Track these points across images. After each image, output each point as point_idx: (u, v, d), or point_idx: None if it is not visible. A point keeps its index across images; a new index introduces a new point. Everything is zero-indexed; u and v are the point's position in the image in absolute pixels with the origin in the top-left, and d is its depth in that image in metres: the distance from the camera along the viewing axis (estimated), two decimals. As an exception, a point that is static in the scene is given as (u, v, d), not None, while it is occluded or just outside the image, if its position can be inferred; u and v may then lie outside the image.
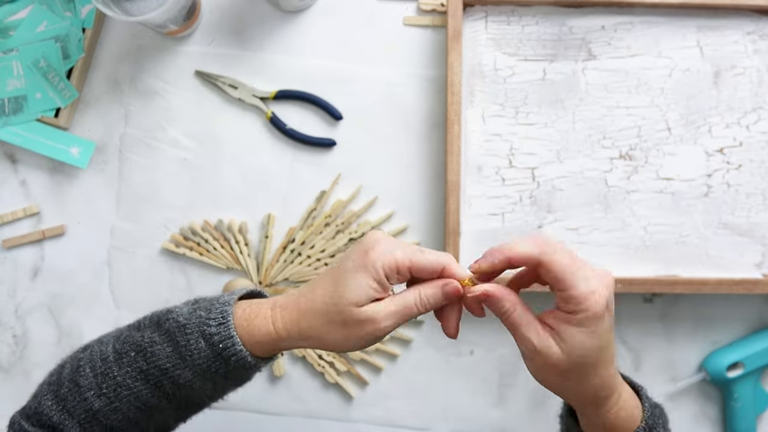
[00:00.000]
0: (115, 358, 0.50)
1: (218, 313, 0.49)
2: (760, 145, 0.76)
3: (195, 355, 0.48)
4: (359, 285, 0.45)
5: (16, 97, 0.76)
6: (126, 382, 0.49)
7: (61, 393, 0.50)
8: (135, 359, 0.49)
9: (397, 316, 0.46)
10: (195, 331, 0.48)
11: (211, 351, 0.48)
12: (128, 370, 0.49)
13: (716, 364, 0.75)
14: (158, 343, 0.49)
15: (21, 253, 0.78)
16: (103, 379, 0.50)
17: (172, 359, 0.49)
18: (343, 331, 0.46)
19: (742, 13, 0.76)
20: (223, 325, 0.48)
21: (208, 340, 0.48)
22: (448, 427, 0.78)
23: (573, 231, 0.75)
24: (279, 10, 0.78)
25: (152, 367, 0.49)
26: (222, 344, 0.48)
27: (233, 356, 0.48)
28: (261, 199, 0.78)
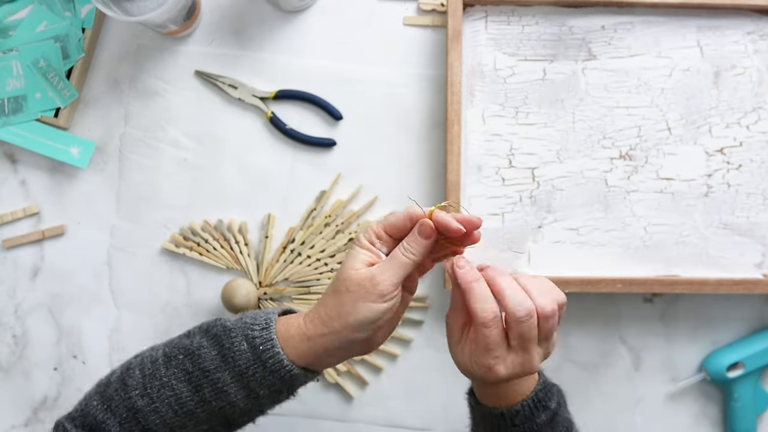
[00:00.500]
0: (164, 360, 0.53)
1: (262, 319, 0.53)
2: (760, 145, 0.76)
3: (237, 356, 0.51)
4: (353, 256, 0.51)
5: (16, 97, 0.76)
6: (170, 383, 0.52)
7: (108, 393, 0.53)
8: (182, 361, 0.52)
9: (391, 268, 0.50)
10: (239, 334, 0.52)
11: (251, 353, 0.51)
12: (174, 371, 0.52)
13: (716, 364, 0.75)
14: (205, 346, 0.52)
15: (21, 253, 0.78)
16: (150, 379, 0.52)
17: (216, 361, 0.51)
18: (351, 297, 0.50)
19: (742, 13, 0.76)
20: (266, 330, 0.52)
21: (251, 342, 0.51)
22: (448, 427, 0.78)
23: (573, 231, 0.75)
24: (279, 10, 0.78)
25: (196, 369, 0.52)
26: (262, 346, 0.51)
27: (270, 358, 0.51)
28: (261, 199, 0.78)
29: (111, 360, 0.78)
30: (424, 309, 0.77)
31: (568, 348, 0.78)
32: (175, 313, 0.78)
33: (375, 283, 0.49)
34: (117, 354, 0.78)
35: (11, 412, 0.78)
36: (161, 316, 0.78)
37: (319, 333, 0.51)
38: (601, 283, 0.73)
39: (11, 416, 0.78)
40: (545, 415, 0.54)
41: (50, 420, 0.78)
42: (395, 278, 0.50)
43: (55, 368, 0.78)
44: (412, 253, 0.50)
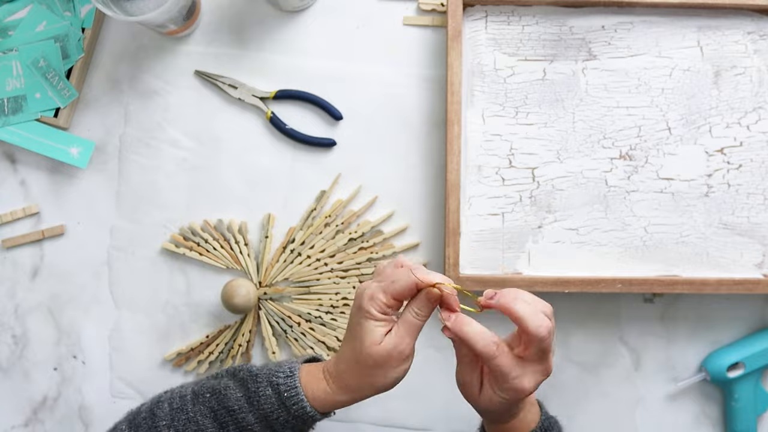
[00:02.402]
0: (192, 397, 0.57)
1: (287, 368, 0.57)
2: (761, 145, 0.76)
3: (262, 400, 0.55)
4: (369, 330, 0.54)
5: (16, 97, 0.76)
6: (196, 418, 0.56)
7: (136, 421, 0.57)
8: (209, 400, 0.56)
9: (409, 333, 0.54)
10: (264, 380, 0.56)
11: (276, 398, 0.55)
12: (201, 408, 0.56)
13: (716, 364, 0.75)
14: (231, 388, 0.56)
15: (20, 253, 0.78)
16: (178, 413, 0.56)
17: (241, 402, 0.55)
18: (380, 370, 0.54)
19: (742, 13, 0.76)
20: (290, 378, 0.56)
21: (275, 388, 0.55)
22: (448, 427, 0.78)
23: (573, 231, 0.75)
24: (279, 10, 0.78)
25: (222, 407, 0.55)
26: (287, 393, 0.55)
27: (295, 405, 0.55)
28: (261, 199, 0.78)
29: (111, 360, 0.78)
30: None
31: (568, 348, 0.78)
32: (175, 313, 0.78)
33: (400, 351, 0.54)
34: (117, 354, 0.78)
35: (11, 412, 0.78)
36: (161, 316, 0.78)
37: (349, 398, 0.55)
38: (601, 283, 0.73)
39: (11, 416, 0.78)
40: None
41: (50, 420, 0.78)
42: (413, 340, 0.55)
43: (54, 368, 0.78)
44: (424, 316, 0.54)
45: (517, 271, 0.75)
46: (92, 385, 0.78)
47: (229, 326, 0.77)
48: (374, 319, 0.54)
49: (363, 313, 0.54)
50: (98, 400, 0.78)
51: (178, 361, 0.78)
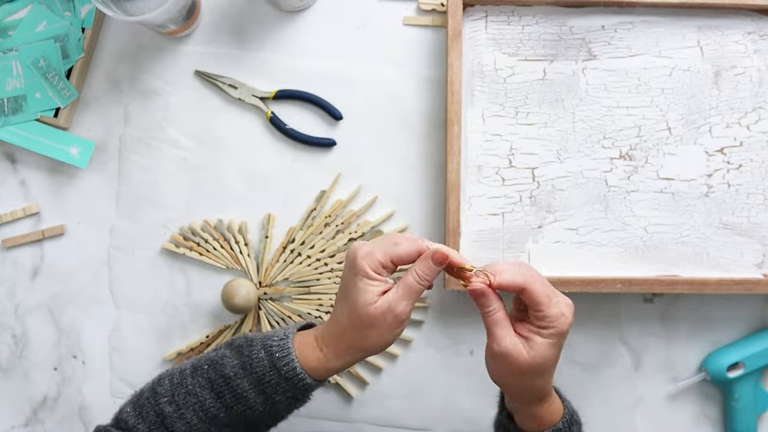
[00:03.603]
0: (191, 370, 0.57)
1: (281, 332, 0.57)
2: (761, 145, 0.76)
3: (255, 363, 0.55)
4: (363, 289, 0.53)
5: (16, 97, 0.76)
6: (195, 390, 0.56)
7: (140, 401, 0.57)
8: (207, 371, 0.56)
9: (407, 296, 0.53)
10: (258, 344, 0.56)
11: (268, 361, 0.55)
12: (199, 380, 0.56)
13: (716, 364, 0.75)
14: (228, 356, 0.56)
15: (20, 253, 0.78)
16: (178, 387, 0.56)
17: (236, 368, 0.55)
18: (373, 330, 0.53)
19: (742, 13, 0.76)
20: (283, 340, 0.55)
21: (268, 350, 0.55)
22: (448, 427, 0.78)
23: (573, 231, 0.75)
24: (279, 10, 0.78)
25: (218, 376, 0.56)
26: (278, 353, 0.55)
27: (286, 366, 0.54)
28: (261, 199, 0.78)
29: (111, 360, 0.78)
30: (424, 309, 0.77)
31: (568, 348, 0.78)
32: (175, 313, 0.78)
33: (396, 314, 0.53)
34: (117, 354, 0.78)
35: (11, 412, 0.78)
36: (161, 316, 0.78)
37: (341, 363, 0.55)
38: (601, 283, 0.73)
39: (11, 416, 0.78)
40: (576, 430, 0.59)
41: (50, 420, 0.78)
42: (411, 305, 0.54)
43: (55, 368, 0.78)
44: (426, 280, 0.54)
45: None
46: (92, 385, 0.78)
47: (229, 326, 0.77)
48: (368, 278, 0.53)
49: (357, 270, 0.53)
50: (98, 400, 0.78)
51: (178, 361, 0.78)
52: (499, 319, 0.54)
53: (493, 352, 0.54)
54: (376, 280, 0.53)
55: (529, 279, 0.54)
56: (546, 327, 0.53)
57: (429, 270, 0.54)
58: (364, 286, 0.53)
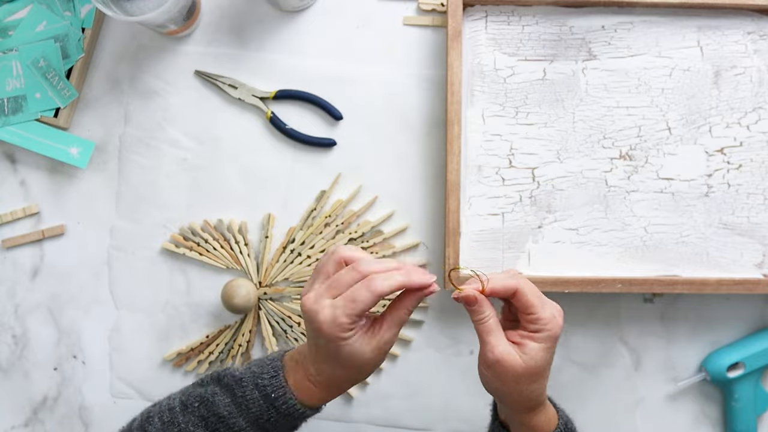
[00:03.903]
0: (181, 408, 0.56)
1: (270, 368, 0.56)
2: (761, 145, 0.76)
3: (250, 404, 0.54)
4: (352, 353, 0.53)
5: (16, 97, 0.76)
6: (188, 429, 0.55)
7: None
8: (198, 408, 0.55)
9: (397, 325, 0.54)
10: (250, 384, 0.55)
11: (263, 401, 0.54)
12: (191, 418, 0.55)
13: (716, 364, 0.75)
14: (218, 394, 0.55)
15: (20, 253, 0.78)
16: (169, 426, 0.55)
17: (230, 408, 0.55)
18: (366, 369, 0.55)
19: (742, 13, 0.76)
20: (275, 378, 0.55)
21: (262, 390, 0.54)
22: (448, 427, 0.78)
23: (573, 231, 0.75)
24: (279, 10, 0.78)
25: (212, 415, 0.55)
26: (273, 394, 0.54)
27: (284, 405, 0.54)
28: (261, 199, 0.78)
29: (111, 360, 0.78)
30: (424, 309, 0.77)
31: (568, 348, 0.78)
32: (175, 313, 0.78)
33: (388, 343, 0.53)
34: (117, 354, 0.78)
35: (11, 412, 0.78)
36: (161, 316, 0.78)
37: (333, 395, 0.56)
38: (601, 283, 0.73)
39: (11, 416, 0.78)
40: None
41: (50, 420, 0.78)
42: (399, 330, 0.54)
43: (55, 368, 0.78)
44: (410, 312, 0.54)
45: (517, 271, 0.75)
46: (92, 385, 0.78)
47: (229, 326, 0.77)
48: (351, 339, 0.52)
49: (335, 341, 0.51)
50: (98, 400, 0.78)
51: (178, 361, 0.78)
52: (492, 326, 0.54)
53: (487, 360, 0.53)
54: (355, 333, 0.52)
55: (521, 282, 0.54)
56: (539, 330, 0.53)
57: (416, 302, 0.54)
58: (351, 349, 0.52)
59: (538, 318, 0.53)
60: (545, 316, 0.53)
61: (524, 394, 0.54)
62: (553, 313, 0.54)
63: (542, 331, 0.53)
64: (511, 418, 0.58)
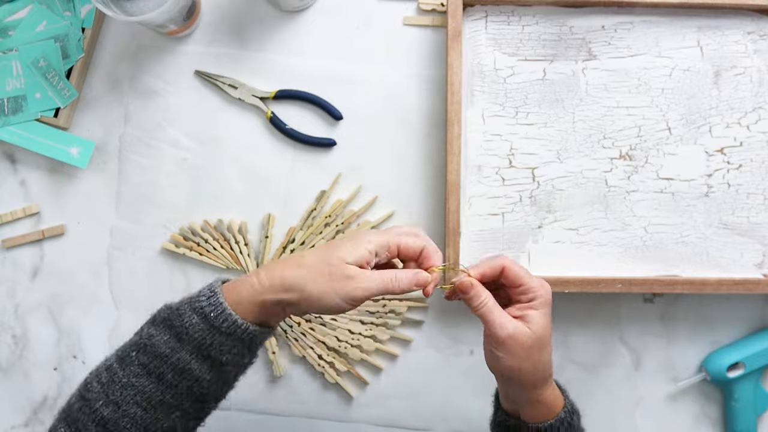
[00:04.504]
0: (119, 363, 0.53)
1: (207, 289, 0.53)
2: (761, 145, 0.76)
3: (190, 330, 0.51)
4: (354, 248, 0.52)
5: (16, 97, 0.76)
6: (131, 382, 0.51)
7: (72, 415, 0.53)
8: (137, 357, 0.52)
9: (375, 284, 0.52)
10: (187, 310, 0.52)
11: (204, 323, 0.51)
12: (131, 369, 0.52)
13: (716, 364, 0.75)
14: (155, 335, 0.52)
15: (20, 253, 0.78)
16: (109, 386, 0.52)
17: (170, 343, 0.52)
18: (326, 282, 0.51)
19: (742, 13, 0.76)
20: (213, 297, 0.52)
21: (200, 312, 0.52)
22: (448, 427, 0.78)
23: (573, 231, 0.75)
24: (279, 10, 0.78)
25: (152, 358, 0.52)
26: (213, 313, 0.51)
27: (224, 322, 0.51)
28: (261, 199, 0.78)
29: (111, 360, 0.78)
30: (424, 309, 0.77)
31: (568, 348, 0.78)
32: (175, 313, 0.78)
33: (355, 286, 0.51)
34: (117, 354, 0.78)
35: (11, 412, 0.78)
36: (161, 316, 0.78)
37: (276, 296, 0.52)
38: (601, 283, 0.73)
39: (11, 416, 0.78)
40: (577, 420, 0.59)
41: (50, 420, 0.78)
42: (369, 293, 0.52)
43: (55, 368, 0.78)
44: (399, 288, 0.53)
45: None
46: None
47: (229, 326, 0.77)
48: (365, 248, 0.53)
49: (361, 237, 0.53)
50: (98, 400, 0.78)
51: (178, 361, 0.78)
52: (493, 306, 0.55)
53: (498, 338, 0.54)
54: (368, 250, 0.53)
55: (505, 260, 0.56)
56: (534, 298, 0.56)
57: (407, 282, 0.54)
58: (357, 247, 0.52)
59: (529, 287, 0.56)
60: (535, 285, 0.56)
61: (536, 366, 0.55)
62: (540, 281, 0.56)
63: (537, 298, 0.56)
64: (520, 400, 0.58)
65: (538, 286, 0.56)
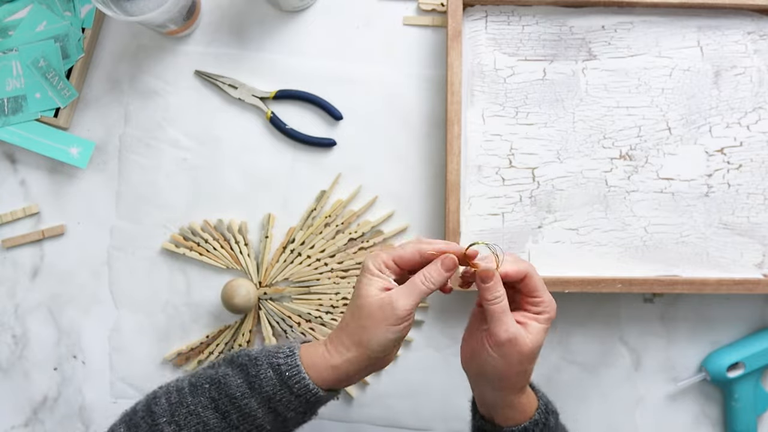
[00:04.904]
0: (191, 389, 0.55)
1: (286, 348, 0.56)
2: (761, 145, 0.76)
3: (263, 383, 0.54)
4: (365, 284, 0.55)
5: (16, 97, 0.76)
6: (197, 411, 0.54)
7: (134, 420, 0.55)
8: (209, 390, 0.55)
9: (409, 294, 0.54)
10: (264, 363, 0.55)
11: (278, 379, 0.54)
12: (201, 399, 0.54)
13: (716, 364, 0.75)
14: (230, 375, 0.55)
15: (20, 253, 0.78)
16: (177, 407, 0.54)
17: (242, 388, 0.54)
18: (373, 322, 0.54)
19: (742, 13, 0.76)
20: (290, 357, 0.55)
21: (276, 369, 0.54)
22: (448, 427, 0.78)
23: (573, 231, 0.75)
24: (279, 10, 0.78)
25: (223, 396, 0.54)
26: (288, 372, 0.54)
27: (297, 384, 0.54)
28: (261, 199, 0.78)
29: (111, 360, 0.78)
30: (425, 309, 0.77)
31: (568, 348, 0.78)
32: (175, 313, 0.78)
33: (394, 308, 0.53)
34: (117, 354, 0.78)
35: (11, 412, 0.78)
36: (161, 316, 0.78)
37: (343, 359, 0.54)
38: (601, 283, 0.73)
39: (11, 416, 0.78)
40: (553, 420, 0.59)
41: (50, 420, 0.78)
42: (412, 303, 0.54)
43: (55, 368, 0.78)
44: (432, 283, 0.55)
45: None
46: (92, 385, 0.78)
47: (229, 326, 0.77)
48: (371, 274, 0.55)
49: (364, 270, 0.55)
50: (98, 401, 0.78)
51: (179, 361, 0.78)
52: (505, 306, 0.55)
53: (499, 339, 0.54)
54: (378, 276, 0.55)
55: (529, 267, 0.57)
56: (542, 312, 0.56)
57: (437, 273, 0.55)
58: (367, 280, 0.55)
59: (542, 301, 0.56)
60: (547, 300, 0.56)
61: (523, 374, 0.56)
62: (551, 297, 0.57)
63: (544, 313, 0.56)
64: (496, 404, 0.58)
65: (549, 302, 0.56)
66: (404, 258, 0.55)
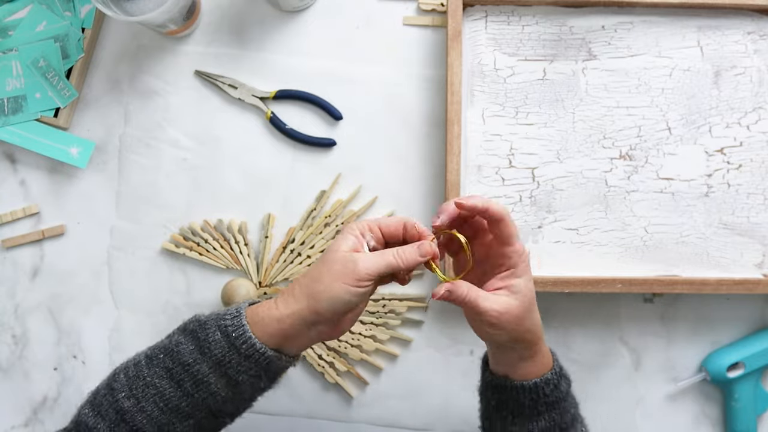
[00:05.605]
0: (146, 362, 0.55)
1: (233, 309, 0.55)
2: (761, 145, 0.76)
3: (212, 345, 0.53)
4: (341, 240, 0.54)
5: (16, 97, 0.76)
6: (153, 382, 0.54)
7: (97, 399, 0.56)
8: (163, 360, 0.55)
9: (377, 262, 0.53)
10: (213, 326, 0.54)
11: (225, 341, 0.53)
12: (156, 370, 0.54)
13: (716, 364, 0.75)
14: (183, 342, 0.55)
15: (20, 253, 0.78)
16: (134, 381, 0.54)
17: (194, 354, 0.54)
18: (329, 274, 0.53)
19: (742, 13, 0.76)
20: (236, 318, 0.54)
21: (223, 331, 0.54)
22: (448, 427, 0.78)
23: (573, 231, 0.75)
24: (279, 10, 0.78)
25: (176, 364, 0.54)
26: (234, 333, 0.53)
27: (244, 343, 0.53)
28: (261, 199, 0.78)
29: (111, 360, 0.78)
30: (424, 309, 0.77)
31: (568, 348, 0.78)
32: (175, 313, 0.78)
33: (356, 266, 0.52)
34: (117, 354, 0.78)
35: (11, 412, 0.78)
36: (161, 316, 0.78)
37: (288, 312, 0.53)
38: (601, 283, 0.73)
39: (11, 416, 0.78)
40: (565, 385, 0.59)
41: (50, 420, 0.78)
42: (375, 269, 0.53)
43: (55, 368, 0.78)
44: (402, 260, 0.54)
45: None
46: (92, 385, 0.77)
47: (229, 326, 0.77)
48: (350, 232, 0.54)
49: (344, 228, 0.55)
50: (98, 400, 0.78)
51: (178, 361, 0.78)
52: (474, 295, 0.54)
53: (492, 320, 0.54)
54: (353, 236, 0.54)
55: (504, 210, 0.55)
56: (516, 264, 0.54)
57: (411, 254, 0.54)
58: (342, 237, 0.54)
59: (514, 250, 0.55)
60: (520, 248, 0.55)
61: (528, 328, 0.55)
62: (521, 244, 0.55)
63: (520, 264, 0.55)
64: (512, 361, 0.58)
65: (521, 250, 0.55)
66: (389, 227, 0.55)
